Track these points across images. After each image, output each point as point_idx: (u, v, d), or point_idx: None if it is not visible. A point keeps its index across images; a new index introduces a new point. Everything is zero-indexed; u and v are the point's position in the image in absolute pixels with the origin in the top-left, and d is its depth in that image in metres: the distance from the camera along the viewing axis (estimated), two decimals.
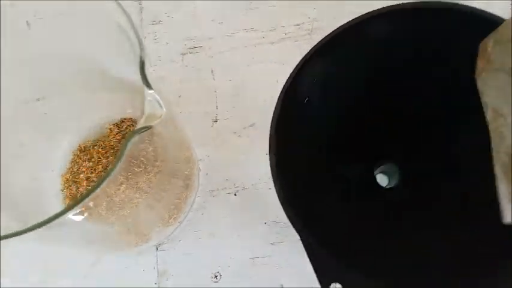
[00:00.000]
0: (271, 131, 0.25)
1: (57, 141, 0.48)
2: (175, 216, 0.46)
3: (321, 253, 0.22)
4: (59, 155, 0.48)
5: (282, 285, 0.45)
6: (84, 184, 0.48)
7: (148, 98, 0.25)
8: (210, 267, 0.46)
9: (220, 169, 0.49)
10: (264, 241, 0.46)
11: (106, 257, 0.46)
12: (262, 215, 0.47)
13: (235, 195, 0.48)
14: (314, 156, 0.31)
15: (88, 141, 0.49)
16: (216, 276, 0.45)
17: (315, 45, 0.27)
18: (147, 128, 0.25)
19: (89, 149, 0.49)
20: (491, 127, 0.21)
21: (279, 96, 0.27)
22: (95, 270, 0.45)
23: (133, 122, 0.50)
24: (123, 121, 0.50)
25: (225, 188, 0.48)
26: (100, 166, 0.48)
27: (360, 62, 0.30)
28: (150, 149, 0.35)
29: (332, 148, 0.33)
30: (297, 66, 0.27)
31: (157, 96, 0.24)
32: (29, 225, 0.25)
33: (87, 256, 0.45)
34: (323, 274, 0.21)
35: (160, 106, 0.25)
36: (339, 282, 0.21)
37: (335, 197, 0.32)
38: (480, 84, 0.22)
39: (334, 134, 0.34)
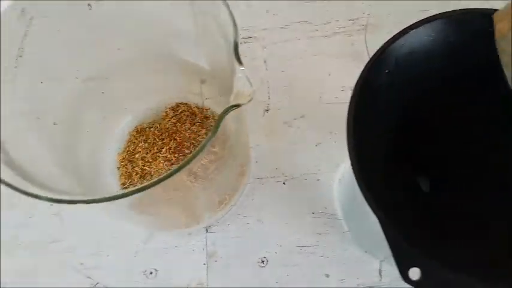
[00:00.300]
0: (349, 116, 0.26)
1: (116, 121, 0.49)
2: (227, 201, 0.47)
3: (399, 239, 0.22)
4: (116, 135, 0.49)
5: (327, 274, 0.45)
6: (140, 163, 0.49)
7: (239, 75, 0.26)
8: (257, 252, 0.47)
9: (269, 158, 0.50)
10: (311, 231, 0.47)
11: (158, 235, 0.47)
12: (310, 205, 0.48)
13: (284, 184, 0.49)
14: (384, 146, 0.31)
15: (144, 123, 0.50)
16: (262, 261, 0.46)
17: (394, 36, 0.27)
18: (237, 106, 0.26)
19: (145, 131, 0.50)
20: None
21: (357, 82, 0.27)
22: (146, 247, 0.46)
23: (188, 106, 0.51)
24: (178, 105, 0.51)
25: (274, 176, 0.49)
26: (155, 147, 0.49)
27: (430, 62, 0.31)
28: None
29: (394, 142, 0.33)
30: (376, 52, 0.27)
31: (247, 74, 0.25)
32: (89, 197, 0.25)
33: (140, 233, 0.46)
34: (401, 258, 0.22)
35: (250, 84, 0.25)
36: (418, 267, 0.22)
37: (405, 187, 0.32)
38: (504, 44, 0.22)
39: (395, 129, 0.34)
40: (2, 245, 0.46)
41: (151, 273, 0.46)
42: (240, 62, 0.26)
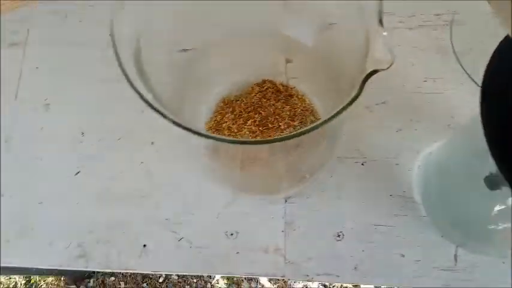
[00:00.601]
0: (483, 82, 0.27)
1: (206, 92, 0.51)
2: (308, 174, 0.48)
3: None
4: (205, 105, 0.51)
5: (402, 254, 0.46)
6: (226, 133, 0.51)
7: (380, 41, 0.27)
8: (334, 226, 0.48)
9: (350, 139, 0.51)
10: (387, 212, 0.48)
11: (240, 200, 0.48)
12: (388, 187, 0.49)
13: (362, 164, 0.50)
14: None
15: (231, 95, 0.52)
16: (339, 235, 0.48)
17: None
18: (376, 71, 0.27)
19: (232, 103, 0.52)
20: None
21: (494, 52, 0.28)
22: (228, 211, 0.48)
23: (273, 84, 0.53)
24: (264, 82, 0.53)
25: (354, 157, 0.51)
26: (241, 119, 0.51)
27: None
28: None
29: None
30: None
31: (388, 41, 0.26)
32: None
33: (223, 197, 0.48)
34: None
35: (390, 50, 0.27)
36: None
37: None
38: None
39: None
40: (95, 195, 0.48)
41: (232, 234, 0.47)
42: (382, 26, 0.27)
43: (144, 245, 0.47)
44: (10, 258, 0.46)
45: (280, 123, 0.51)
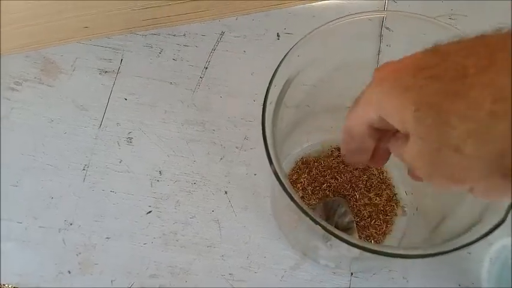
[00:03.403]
0: None
1: (287, 149, 0.47)
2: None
3: None
4: (284, 162, 0.47)
5: None
6: (300, 194, 0.47)
7: None
8: None
9: (420, 220, 0.46)
10: None
11: (304, 265, 0.44)
12: (458, 276, 0.45)
13: None
14: None
15: (310, 156, 0.48)
16: None
17: None
18: None
19: (310, 164, 0.48)
20: None
21: None
22: (292, 274, 0.43)
23: None
24: None
25: None
26: (316, 182, 0.47)
27: None
28: None
29: None
30: None
31: None
32: None
33: (288, 260, 0.44)
34: None
35: None
36: None
37: None
38: None
39: None
40: (162, 238, 0.44)
41: None
42: None
43: None
44: None
45: (355, 193, 0.46)
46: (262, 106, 0.29)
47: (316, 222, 0.27)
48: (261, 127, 0.29)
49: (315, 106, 0.43)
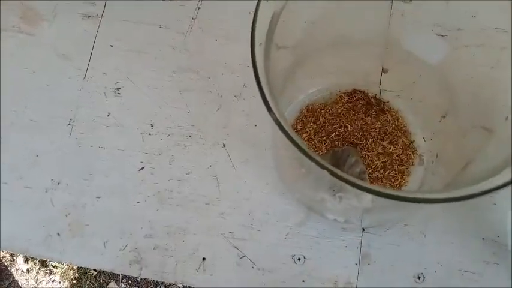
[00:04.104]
0: None
1: (291, 96, 0.42)
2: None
3: None
4: (289, 109, 0.42)
5: None
6: (306, 144, 0.41)
7: None
8: (414, 265, 0.39)
9: (440, 168, 0.41)
10: (477, 256, 0.39)
11: (312, 221, 0.39)
12: (481, 229, 0.39)
13: None
14: None
15: (316, 103, 0.42)
16: (419, 277, 0.38)
17: None
18: None
19: (316, 112, 0.42)
20: None
21: None
22: (298, 231, 0.39)
23: (365, 95, 0.43)
24: (355, 91, 0.43)
25: None
26: (323, 131, 0.42)
27: None
28: None
29: None
30: None
31: None
32: None
33: (294, 215, 0.39)
34: None
35: None
36: None
37: None
38: None
39: None
40: (156, 196, 0.39)
41: (299, 259, 0.39)
42: None
43: (204, 258, 0.38)
44: (58, 254, 0.38)
45: (367, 141, 0.40)
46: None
47: (323, 167, 0.22)
48: None
49: (316, 44, 0.37)
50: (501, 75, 0.39)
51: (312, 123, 0.43)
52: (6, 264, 0.94)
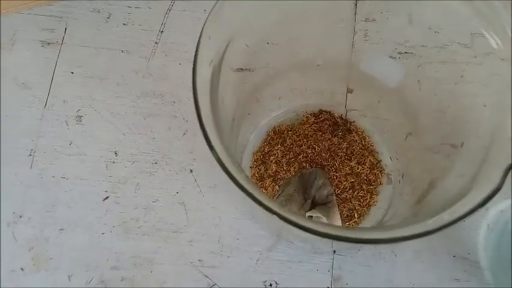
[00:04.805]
0: None
1: (256, 118, 0.41)
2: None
3: None
4: (254, 133, 0.41)
5: None
6: (273, 167, 0.41)
7: None
8: (387, 286, 0.38)
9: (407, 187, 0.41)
10: (448, 275, 0.38)
11: (282, 245, 0.38)
12: (451, 246, 0.39)
13: None
14: None
15: (283, 125, 0.42)
16: None
17: None
18: None
19: (283, 133, 0.42)
20: None
21: None
22: (269, 256, 0.38)
23: (331, 115, 0.43)
24: (321, 112, 0.42)
25: None
26: (291, 153, 0.41)
27: None
28: None
29: None
30: None
31: None
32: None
33: (264, 240, 0.38)
34: None
35: None
36: None
37: None
38: None
39: None
40: (122, 226, 0.38)
41: (271, 285, 0.38)
42: None
43: None
44: None
45: (335, 162, 0.40)
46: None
47: (273, 212, 0.21)
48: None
49: (281, 66, 0.36)
50: (465, 90, 0.39)
51: (279, 145, 0.42)
52: None
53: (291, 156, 0.42)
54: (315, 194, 0.39)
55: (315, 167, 0.42)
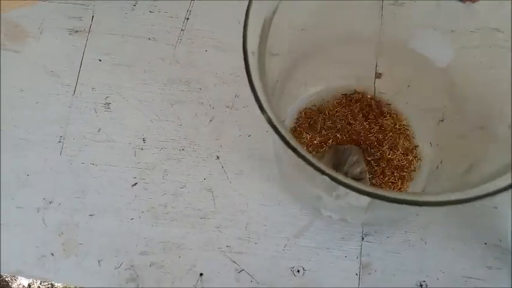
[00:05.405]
0: None
1: (285, 102, 0.40)
2: None
3: None
4: (287, 114, 0.41)
5: None
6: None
7: None
8: (416, 273, 0.37)
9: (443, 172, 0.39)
10: (480, 263, 0.37)
11: (310, 232, 0.38)
12: (483, 234, 0.38)
13: None
14: None
15: (314, 106, 0.41)
16: (421, 285, 0.37)
17: None
18: None
19: (313, 116, 0.41)
20: None
21: None
22: (296, 243, 0.38)
23: (363, 96, 0.41)
24: (353, 93, 0.42)
25: None
26: (321, 136, 0.40)
27: None
28: None
29: None
30: None
31: None
32: None
33: (292, 226, 0.38)
34: None
35: None
36: None
37: None
38: None
39: None
40: (150, 212, 0.38)
41: (298, 271, 0.37)
42: None
43: (201, 274, 0.37)
44: (53, 274, 0.37)
45: (367, 146, 0.39)
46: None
47: (323, 172, 0.20)
48: None
49: (309, 50, 0.35)
50: (499, 76, 0.38)
51: (309, 128, 0.41)
52: (7, 280, 0.92)
53: (321, 139, 0.41)
54: (348, 170, 0.38)
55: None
